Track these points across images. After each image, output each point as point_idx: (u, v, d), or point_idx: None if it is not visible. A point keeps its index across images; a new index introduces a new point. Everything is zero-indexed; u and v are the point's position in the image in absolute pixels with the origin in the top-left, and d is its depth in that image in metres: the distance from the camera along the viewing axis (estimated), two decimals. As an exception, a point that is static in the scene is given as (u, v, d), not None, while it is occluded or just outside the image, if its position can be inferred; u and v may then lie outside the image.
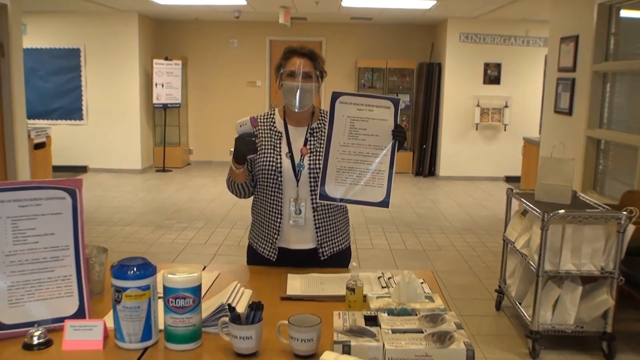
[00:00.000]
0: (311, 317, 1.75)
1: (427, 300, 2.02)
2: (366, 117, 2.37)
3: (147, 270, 1.76)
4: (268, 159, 2.48)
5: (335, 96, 2.39)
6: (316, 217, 2.51)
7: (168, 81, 10.56)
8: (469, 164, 10.53)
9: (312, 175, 2.46)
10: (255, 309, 1.74)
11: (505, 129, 10.47)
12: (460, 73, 10.39)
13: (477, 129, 10.50)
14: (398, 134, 2.36)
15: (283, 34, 11.01)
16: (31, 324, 1.79)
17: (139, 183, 9.70)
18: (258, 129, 2.54)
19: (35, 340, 1.73)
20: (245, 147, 2.34)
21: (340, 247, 2.62)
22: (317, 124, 2.55)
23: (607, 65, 5.48)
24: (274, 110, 2.63)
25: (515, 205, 4.36)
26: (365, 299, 2.10)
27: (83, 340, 1.75)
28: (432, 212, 7.87)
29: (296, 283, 2.34)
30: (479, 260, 5.79)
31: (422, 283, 2.36)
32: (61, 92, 10.39)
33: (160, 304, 1.81)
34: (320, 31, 11.18)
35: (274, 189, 2.50)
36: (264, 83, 11.51)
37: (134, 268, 1.74)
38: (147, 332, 1.74)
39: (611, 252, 3.59)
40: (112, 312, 1.76)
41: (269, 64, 11.45)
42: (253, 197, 2.65)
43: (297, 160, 2.48)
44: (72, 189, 1.88)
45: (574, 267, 3.61)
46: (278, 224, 2.52)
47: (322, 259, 2.56)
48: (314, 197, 2.47)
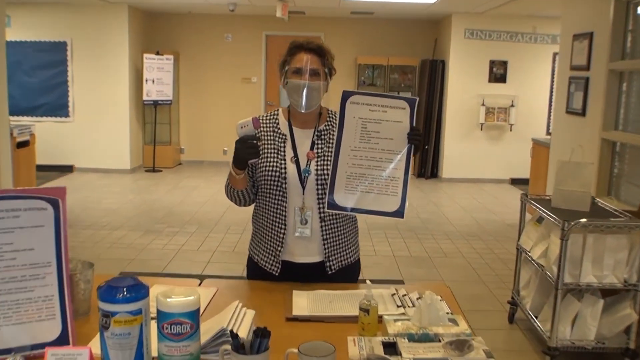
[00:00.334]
0: (324, 344, 1.60)
1: (450, 324, 1.88)
2: (379, 119, 2.24)
3: (138, 292, 1.60)
4: (271, 163, 2.34)
5: (345, 96, 2.25)
6: (324, 228, 2.37)
7: (159, 77, 10.44)
8: (473, 166, 10.44)
9: (319, 182, 2.32)
10: (261, 336, 1.60)
11: (511, 129, 10.39)
12: (465, 71, 10.29)
13: (481, 129, 10.41)
14: (414, 137, 2.23)
15: (280, 28, 10.90)
16: (7, 352, 1.64)
17: (127, 184, 9.56)
18: (260, 131, 2.40)
19: (12, 371, 1.59)
20: (246, 151, 2.19)
21: (349, 260, 2.48)
22: (325, 125, 2.42)
23: (624, 64, 5.36)
24: (277, 110, 2.48)
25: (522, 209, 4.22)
26: (380, 320, 1.96)
27: (66, 370, 1.60)
28: (436, 216, 7.74)
29: (302, 301, 2.19)
30: (487, 268, 5.66)
31: (440, 300, 2.22)
32: (46, 88, 10.23)
33: (153, 329, 1.66)
34: (319, 26, 11.04)
35: (277, 197, 2.36)
36: (260, 79, 11.40)
37: (123, 290, 1.58)
38: (139, 362, 1.60)
39: (635, 263, 3.47)
40: (99, 338, 1.61)
41: (265, 60, 11.35)
42: (254, 205, 2.50)
43: (303, 165, 2.34)
44: (54, 198, 1.73)
45: (595, 279, 3.49)
46: (282, 235, 2.38)
47: (329, 273, 2.42)
48: (321, 206, 2.33)
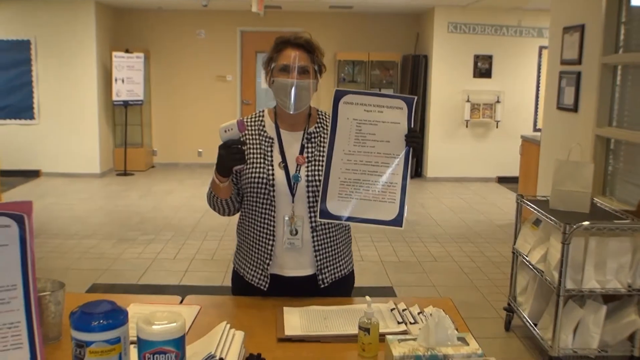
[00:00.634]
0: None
1: (460, 343, 1.78)
2: (375, 120, 2.14)
3: (116, 318, 1.48)
4: (257, 170, 2.22)
5: (338, 95, 2.15)
6: (315, 239, 2.26)
7: (129, 76, 10.28)
8: (458, 164, 10.41)
9: (310, 189, 2.21)
10: (256, 364, 1.48)
11: (497, 126, 10.38)
12: (449, 66, 10.26)
13: (467, 126, 10.38)
14: (412, 139, 2.13)
15: (255, 24, 10.78)
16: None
17: (97, 189, 9.38)
18: (245, 135, 2.28)
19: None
20: (231, 157, 2.07)
21: (342, 272, 2.38)
22: (315, 127, 2.31)
23: (617, 58, 5.31)
24: (263, 111, 2.37)
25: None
26: (381, 338, 1.86)
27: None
28: (423, 218, 7.67)
29: (295, 319, 2.08)
30: (479, 272, 5.59)
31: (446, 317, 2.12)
32: (9, 89, 9.98)
33: (133, 356, 1.54)
34: (296, 21, 10.92)
35: (264, 206, 2.24)
36: (235, 77, 11.28)
37: (99, 317, 1.45)
38: (118, 397, 1.47)
39: (639, 267, 3.40)
40: (73, 371, 1.48)
41: (240, 57, 11.24)
42: (239, 214, 2.38)
43: (292, 171, 2.23)
44: (18, 214, 1.59)
45: (598, 284, 3.42)
46: (270, 247, 2.26)
47: (322, 287, 2.31)
48: (312, 215, 2.23)
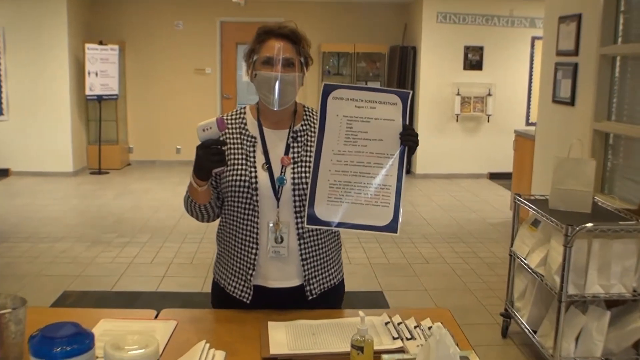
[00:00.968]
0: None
1: (462, 363, 1.68)
2: (367, 117, 2.04)
3: (81, 342, 1.36)
4: (239, 172, 2.11)
5: (327, 90, 2.04)
6: (302, 247, 2.16)
7: (103, 69, 10.12)
8: (449, 160, 10.37)
9: (296, 193, 2.11)
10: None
11: (488, 120, 10.35)
12: (438, 58, 10.20)
13: (457, 121, 10.34)
14: (408, 137, 2.03)
15: (236, 14, 10.67)
16: None
17: (71, 188, 9.22)
18: (225, 134, 2.17)
19: None
20: (210, 158, 1.96)
21: (332, 282, 2.27)
22: (302, 125, 2.20)
23: (616, 48, 5.25)
24: (244, 108, 2.25)
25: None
26: (376, 356, 1.76)
27: None
28: (412, 217, 7.59)
29: (281, 336, 1.98)
30: (473, 275, 5.52)
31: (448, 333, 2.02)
32: (-24, 83, 9.81)
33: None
34: (278, 11, 10.79)
35: (247, 211, 2.13)
36: (215, 70, 11.16)
37: (62, 342, 1.34)
38: None
39: (644, 271, 3.33)
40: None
41: (220, 49, 11.11)
42: (219, 220, 2.27)
43: (276, 173, 2.12)
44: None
45: (602, 289, 3.35)
46: (253, 256, 2.15)
47: (309, 298, 2.20)
48: (299, 221, 2.12)
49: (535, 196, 4.05)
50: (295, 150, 2.15)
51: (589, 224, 3.23)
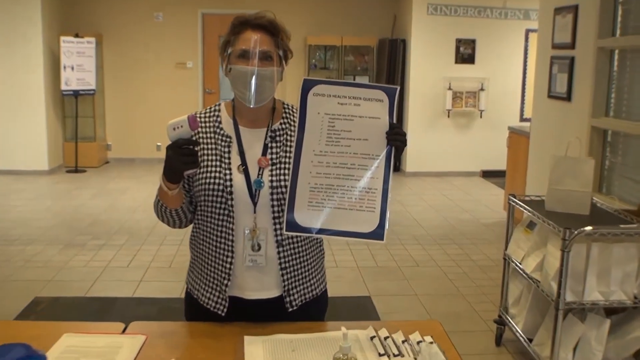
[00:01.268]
0: None
1: (454, 384, 1.59)
2: (351, 115, 1.95)
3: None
4: (213, 174, 2.02)
5: (307, 85, 1.95)
6: (281, 255, 2.07)
7: (79, 63, 10.03)
8: (440, 158, 10.33)
9: (275, 197, 2.02)
10: None
11: (481, 116, 10.33)
12: (429, 51, 10.16)
13: (448, 116, 10.30)
14: (395, 136, 1.94)
15: (218, 5, 10.61)
16: None
17: (45, 187, 9.09)
18: (198, 133, 2.07)
19: None
20: (181, 159, 1.87)
21: (313, 292, 2.19)
22: (281, 124, 2.11)
23: (614, 41, 5.19)
24: (218, 105, 2.15)
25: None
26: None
27: None
28: (402, 217, 7.52)
29: (257, 351, 1.90)
30: (466, 279, 5.44)
31: (431, 343, 1.94)
32: (-55, 78, 9.67)
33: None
34: (262, 2, 10.54)
35: (221, 217, 2.04)
36: (196, 64, 11.08)
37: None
38: None
39: (646, 276, 3.27)
40: None
41: (202, 42, 11.02)
42: (192, 227, 2.17)
43: (253, 175, 2.03)
44: None
45: (602, 296, 3.28)
46: (228, 265, 2.06)
47: (289, 310, 2.11)
48: (278, 227, 2.03)
49: (530, 197, 3.97)
50: (274, 150, 2.06)
51: (588, 228, 3.15)
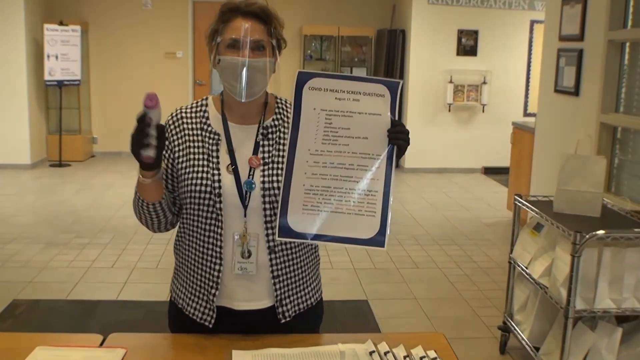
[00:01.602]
0: None
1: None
2: (349, 111, 1.87)
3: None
4: (199, 175, 1.94)
5: (302, 79, 1.87)
6: (273, 262, 1.99)
7: (64, 52, 9.97)
8: (440, 153, 10.30)
9: (267, 200, 1.94)
10: None
11: (483, 110, 10.30)
12: (429, 42, 10.12)
13: (449, 111, 10.27)
14: (397, 135, 1.86)
15: (210, -7, 10.53)
16: None
17: (27, 182, 9.02)
18: (184, 130, 1.99)
19: None
20: (134, 138, 1.86)
21: (308, 302, 2.11)
22: (273, 120, 2.03)
23: (626, 33, 5.12)
24: (206, 100, 2.06)
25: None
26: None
27: None
28: (401, 216, 7.46)
29: (247, 367, 1.80)
30: (468, 281, 5.37)
31: (435, 359, 1.86)
32: None
33: None
34: (256, -10, 10.65)
35: (209, 221, 1.96)
36: (187, 54, 11.05)
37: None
38: None
39: (660, 283, 3.20)
40: None
41: (192, 31, 10.98)
42: (176, 231, 2.08)
43: (244, 176, 1.95)
44: None
45: (613, 303, 3.21)
46: (216, 273, 1.98)
47: (282, 321, 2.03)
48: (270, 232, 1.95)
49: (537, 197, 3.89)
50: (266, 149, 1.97)
51: (601, 232, 3.07)
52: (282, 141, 1.98)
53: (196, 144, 1.97)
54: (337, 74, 1.92)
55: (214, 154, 1.95)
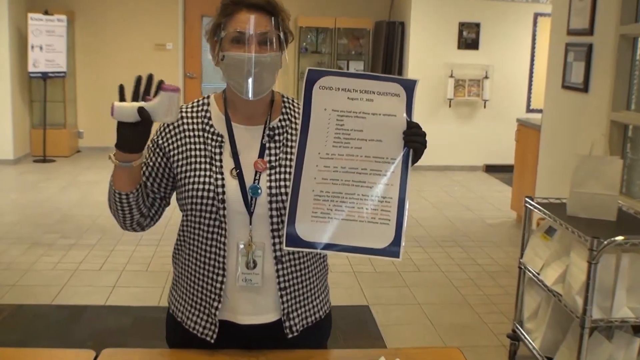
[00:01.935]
0: None
1: None
2: (363, 112, 1.81)
3: None
4: (201, 179, 1.86)
5: (312, 77, 1.80)
6: (280, 273, 1.92)
7: (49, 43, 9.89)
8: (440, 151, 10.17)
9: (274, 206, 1.87)
10: None
11: (485, 106, 10.25)
12: (429, 35, 10.08)
13: (450, 106, 10.22)
14: (413, 137, 1.81)
15: (201, -18, 10.47)
16: None
17: (10, 179, 8.93)
18: (184, 130, 1.91)
19: None
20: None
21: (316, 316, 2.05)
22: (280, 120, 1.96)
23: (638, 28, 5.07)
24: (207, 98, 1.99)
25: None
26: None
27: None
28: (401, 216, 7.37)
29: (252, 388, 1.73)
30: (473, 285, 5.31)
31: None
32: None
33: None
34: (249, -21, 10.59)
35: (211, 229, 1.89)
36: (177, 46, 10.97)
37: None
38: None
39: (680, 291, 3.14)
40: None
41: (183, 22, 10.93)
42: (176, 240, 2.01)
43: (249, 181, 1.88)
44: None
45: (632, 312, 3.15)
46: (219, 285, 1.91)
47: (289, 337, 1.96)
48: (277, 241, 1.89)
49: (549, 199, 3.83)
50: (272, 151, 1.90)
51: (620, 237, 3.01)
52: (289, 143, 1.91)
53: (198, 146, 1.89)
54: (350, 72, 1.86)
55: (217, 157, 1.88)
